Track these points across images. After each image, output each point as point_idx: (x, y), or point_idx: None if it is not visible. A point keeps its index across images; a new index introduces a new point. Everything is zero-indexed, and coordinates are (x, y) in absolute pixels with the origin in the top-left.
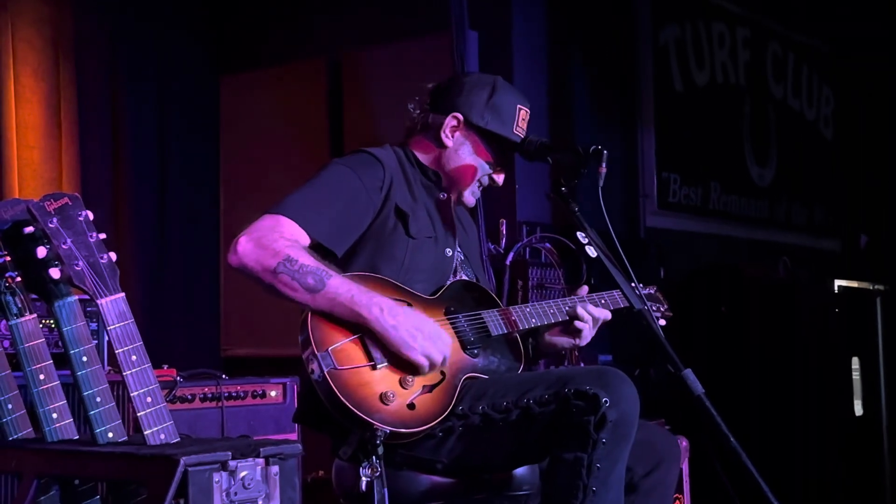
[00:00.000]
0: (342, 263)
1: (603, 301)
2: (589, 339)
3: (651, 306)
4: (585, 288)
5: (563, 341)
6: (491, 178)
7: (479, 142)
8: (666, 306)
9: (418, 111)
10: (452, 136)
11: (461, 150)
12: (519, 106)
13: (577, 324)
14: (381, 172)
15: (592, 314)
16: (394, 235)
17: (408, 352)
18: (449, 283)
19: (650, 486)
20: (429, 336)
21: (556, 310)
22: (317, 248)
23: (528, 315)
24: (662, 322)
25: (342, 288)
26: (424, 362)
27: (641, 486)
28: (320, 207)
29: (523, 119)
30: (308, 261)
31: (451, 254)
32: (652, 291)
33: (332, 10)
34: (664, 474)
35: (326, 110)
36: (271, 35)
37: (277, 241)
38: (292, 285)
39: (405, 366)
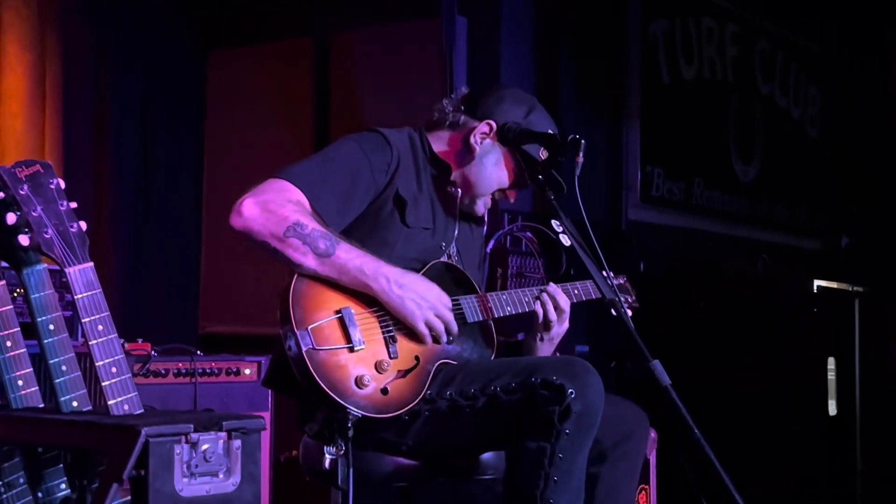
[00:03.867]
0: None
1: (576, 291)
2: (559, 329)
3: (619, 297)
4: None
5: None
6: (504, 193)
7: (506, 155)
8: (633, 297)
9: (451, 109)
10: (481, 143)
11: (486, 159)
12: (551, 131)
13: (537, 307)
14: (388, 155)
15: (556, 297)
16: (389, 221)
17: (413, 321)
18: (430, 263)
19: (619, 455)
20: (432, 305)
21: (532, 298)
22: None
23: (504, 302)
24: (629, 312)
25: (351, 253)
26: (425, 331)
27: (610, 455)
28: (326, 181)
29: None
30: (317, 226)
31: (444, 247)
32: (621, 281)
33: None
34: (634, 446)
35: (313, 90)
36: (261, 12)
37: (285, 206)
38: (302, 249)
39: (382, 349)
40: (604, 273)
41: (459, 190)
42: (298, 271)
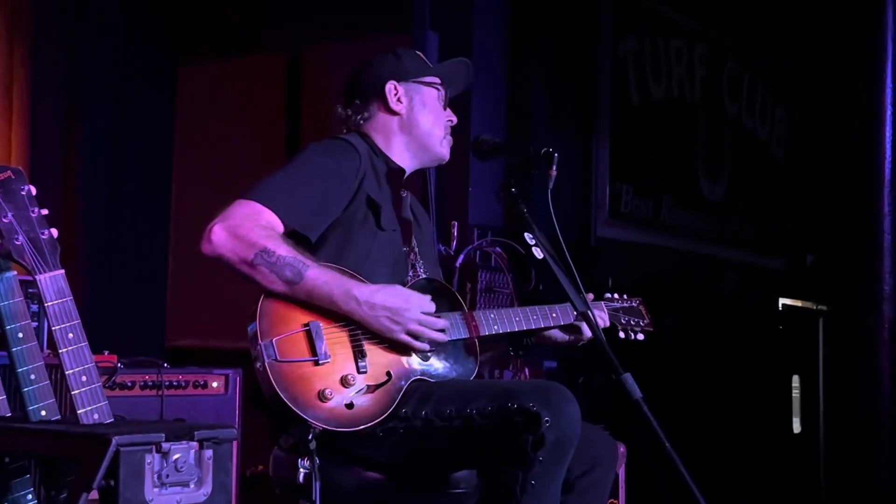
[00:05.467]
0: (311, 249)
1: (554, 314)
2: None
3: (630, 320)
4: (591, 295)
5: (561, 337)
6: (448, 120)
7: (422, 91)
8: (647, 321)
9: (349, 110)
10: (400, 102)
11: (415, 107)
12: (417, 52)
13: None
14: (356, 160)
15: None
16: (363, 226)
17: (392, 336)
18: (416, 279)
19: (585, 487)
20: (406, 317)
21: (522, 317)
22: (290, 234)
23: (491, 321)
24: (641, 336)
25: (319, 280)
26: (410, 341)
27: (577, 486)
28: (295, 194)
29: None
30: (285, 252)
31: (406, 249)
32: (634, 304)
33: (295, 5)
34: (601, 476)
35: (284, 104)
36: (232, 27)
37: (253, 231)
38: (270, 278)
39: (350, 363)
40: (611, 295)
41: (409, 194)
42: (270, 292)
